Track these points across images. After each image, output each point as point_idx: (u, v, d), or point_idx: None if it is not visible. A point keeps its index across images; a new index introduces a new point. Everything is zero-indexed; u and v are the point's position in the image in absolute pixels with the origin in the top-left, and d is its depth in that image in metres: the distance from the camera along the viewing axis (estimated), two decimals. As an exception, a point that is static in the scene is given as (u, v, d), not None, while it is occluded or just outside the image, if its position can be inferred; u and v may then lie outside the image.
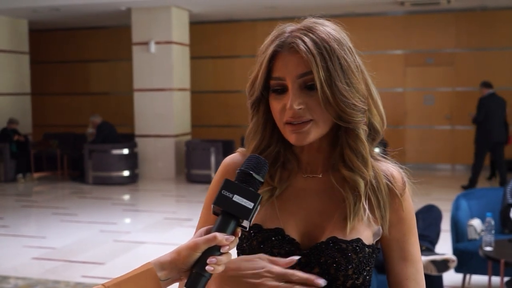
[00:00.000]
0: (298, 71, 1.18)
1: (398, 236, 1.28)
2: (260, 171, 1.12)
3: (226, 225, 1.08)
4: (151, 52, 11.14)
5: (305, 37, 1.19)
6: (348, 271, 1.19)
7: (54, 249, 6.30)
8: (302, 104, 1.19)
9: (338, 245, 1.20)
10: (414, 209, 1.35)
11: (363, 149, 1.23)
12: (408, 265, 1.29)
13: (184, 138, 11.55)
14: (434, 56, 12.23)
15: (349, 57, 1.20)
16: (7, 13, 11.82)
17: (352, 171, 1.24)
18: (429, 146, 12.05)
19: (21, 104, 12.59)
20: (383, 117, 1.28)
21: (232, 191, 1.08)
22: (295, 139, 1.21)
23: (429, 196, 8.73)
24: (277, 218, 1.26)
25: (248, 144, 1.31)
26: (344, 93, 1.17)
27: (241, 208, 1.08)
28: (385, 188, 1.26)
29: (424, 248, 3.70)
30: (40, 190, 10.62)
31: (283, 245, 1.23)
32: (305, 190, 1.29)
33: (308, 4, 10.90)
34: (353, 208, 1.22)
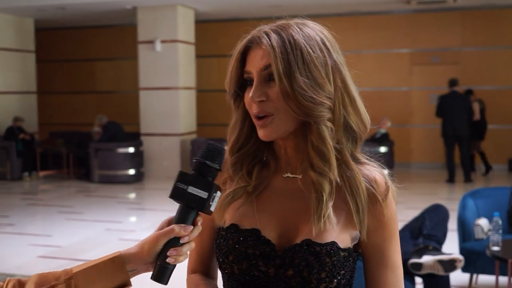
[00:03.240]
0: (262, 64, 1.19)
1: (378, 242, 1.25)
2: (215, 158, 1.12)
3: (185, 215, 1.11)
4: (156, 50, 11.14)
5: (273, 33, 1.20)
6: (321, 274, 1.18)
7: (59, 247, 6.31)
8: (263, 96, 1.19)
9: (312, 248, 1.19)
10: (421, 208, 1.34)
11: (325, 148, 1.20)
12: (388, 272, 1.26)
13: (189, 137, 11.55)
14: (440, 55, 12.18)
15: (316, 53, 1.18)
16: (13, 12, 11.84)
17: (315, 171, 1.21)
18: (435, 145, 12.00)
19: (27, 103, 12.62)
20: (362, 117, 1.26)
21: (187, 183, 1.09)
22: (262, 134, 1.22)
23: (435, 196, 8.71)
24: (254, 219, 1.25)
25: (228, 140, 1.32)
26: (303, 86, 1.16)
27: (197, 198, 1.09)
28: (365, 193, 1.23)
29: (431, 248, 3.69)
30: (46, 189, 10.64)
31: (258, 246, 1.22)
32: (284, 191, 1.27)
33: (313, 3, 10.89)
34: (316, 210, 1.19)
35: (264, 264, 1.21)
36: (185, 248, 1.11)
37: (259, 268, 1.21)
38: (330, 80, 1.19)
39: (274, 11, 11.68)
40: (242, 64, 1.24)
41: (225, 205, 1.27)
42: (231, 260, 1.23)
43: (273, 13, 1.15)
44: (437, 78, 12.07)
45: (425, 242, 3.75)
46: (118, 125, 11.46)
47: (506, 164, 11.78)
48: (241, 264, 1.22)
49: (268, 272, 1.21)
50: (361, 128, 1.25)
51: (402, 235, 3.92)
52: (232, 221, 1.26)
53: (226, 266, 1.25)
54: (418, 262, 3.60)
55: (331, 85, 1.19)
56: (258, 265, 1.21)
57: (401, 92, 12.41)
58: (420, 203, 7.60)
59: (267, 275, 1.21)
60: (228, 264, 1.24)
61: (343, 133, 1.23)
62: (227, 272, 1.26)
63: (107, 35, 14.17)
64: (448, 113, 10.10)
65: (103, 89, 14.40)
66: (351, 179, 1.22)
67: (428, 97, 12.26)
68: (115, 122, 11.56)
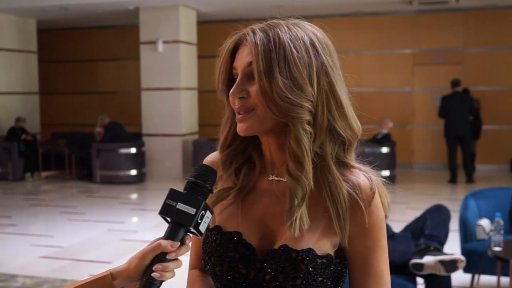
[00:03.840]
0: (246, 61, 1.19)
1: (361, 250, 1.21)
2: (206, 179, 1.13)
3: (174, 232, 1.11)
4: (158, 51, 11.15)
5: (259, 31, 1.19)
6: (296, 281, 1.16)
7: (61, 248, 6.31)
8: (244, 93, 1.19)
9: (288, 254, 1.17)
10: (422, 209, 1.32)
11: (299, 151, 1.17)
12: (371, 281, 1.22)
13: (191, 138, 11.55)
14: (442, 55, 12.17)
15: (301, 53, 1.16)
16: (15, 13, 11.86)
17: (290, 176, 1.19)
18: (437, 145, 11.99)
19: (30, 103, 12.64)
20: (350, 122, 1.22)
21: (176, 200, 1.10)
22: (238, 128, 1.22)
23: (437, 196, 8.70)
24: (238, 221, 1.25)
25: (220, 136, 1.32)
26: (281, 86, 1.14)
27: (184, 215, 1.09)
28: (346, 200, 1.19)
29: (433, 248, 3.68)
30: (48, 189, 10.65)
31: (238, 249, 1.22)
32: (267, 193, 1.26)
33: (316, 3, 10.89)
34: (288, 214, 1.18)
35: (244, 267, 1.21)
36: (171, 265, 1.10)
37: (239, 270, 1.21)
38: (313, 82, 1.16)
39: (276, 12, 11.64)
40: (232, 60, 1.24)
41: (211, 205, 1.25)
42: (213, 261, 1.24)
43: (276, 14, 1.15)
44: (439, 79, 12.06)
45: (426, 242, 3.75)
46: (120, 126, 11.48)
47: (508, 165, 11.77)
48: (222, 266, 1.23)
49: (248, 275, 1.21)
50: (349, 133, 1.22)
51: (404, 235, 3.92)
52: (216, 223, 1.27)
53: (209, 267, 1.25)
54: (419, 262, 3.60)
55: (313, 87, 1.16)
56: (238, 268, 1.21)
57: (403, 92, 12.40)
58: (422, 203, 7.59)
59: (247, 278, 1.21)
60: (211, 265, 1.25)
61: (328, 138, 1.20)
62: (210, 273, 1.26)
63: (109, 36, 14.19)
64: (451, 114, 10.11)
65: (105, 89, 14.41)
66: (332, 185, 1.19)
67: (430, 98, 12.25)
68: (117, 123, 11.58)
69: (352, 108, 1.24)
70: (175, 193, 1.11)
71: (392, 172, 10.04)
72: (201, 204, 1.10)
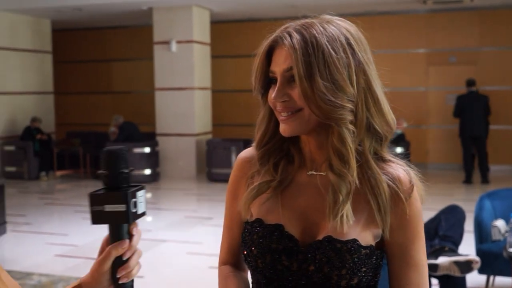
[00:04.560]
0: (285, 65, 1.20)
1: (402, 241, 1.25)
2: (116, 164, 1.05)
3: (117, 233, 1.06)
4: (172, 51, 11.19)
5: (296, 33, 1.20)
6: (342, 270, 1.19)
7: (76, 246, 6.36)
8: (286, 97, 1.21)
9: (333, 245, 1.20)
10: (437, 209, 1.34)
11: (345, 150, 1.20)
12: (411, 270, 1.26)
13: (205, 137, 11.58)
14: (457, 55, 12.09)
15: (339, 54, 1.18)
16: (30, 13, 11.96)
17: (333, 172, 1.22)
18: (452, 145, 11.91)
19: (45, 103, 12.74)
20: (386, 117, 1.26)
21: (101, 203, 1.04)
22: (282, 129, 1.24)
23: (452, 197, 8.65)
24: (279, 214, 1.27)
25: (256, 135, 1.34)
26: (323, 89, 1.16)
27: (117, 215, 1.03)
28: (387, 192, 1.22)
29: (447, 249, 3.67)
30: (62, 188, 10.73)
31: (281, 241, 1.24)
32: (308, 187, 1.29)
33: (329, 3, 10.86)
34: (332, 210, 1.20)
35: (287, 258, 1.23)
36: (132, 262, 1.07)
37: (282, 262, 1.23)
38: (352, 82, 1.19)
39: (289, 11, 11.67)
40: (268, 62, 1.25)
41: (250, 199, 1.29)
42: (255, 253, 1.26)
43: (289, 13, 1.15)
44: (454, 79, 11.98)
45: (441, 243, 3.73)
46: (134, 125, 11.54)
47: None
48: (265, 258, 1.24)
49: (290, 267, 1.23)
50: (385, 128, 1.25)
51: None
52: (257, 216, 1.29)
53: (251, 259, 1.27)
54: (434, 263, 3.58)
55: (353, 87, 1.19)
56: (281, 260, 1.23)
57: (417, 92, 12.34)
58: (436, 204, 7.54)
59: (290, 269, 1.23)
60: (252, 257, 1.26)
61: (366, 134, 1.23)
62: (251, 265, 1.28)
63: (123, 36, 14.25)
64: (466, 114, 10.06)
65: (119, 89, 14.48)
66: (372, 179, 1.23)
67: (444, 98, 12.18)
68: (131, 122, 11.64)
69: (387, 101, 1.27)
70: (97, 197, 1.04)
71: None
72: (127, 196, 1.03)
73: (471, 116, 10.03)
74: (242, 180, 1.37)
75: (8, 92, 11.76)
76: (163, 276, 5.35)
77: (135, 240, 1.07)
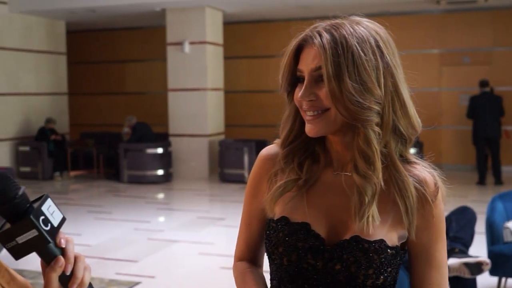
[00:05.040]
0: (313, 65, 1.21)
1: (425, 241, 1.27)
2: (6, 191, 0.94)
3: (46, 256, 0.99)
4: (185, 52, 11.23)
5: (325, 32, 1.21)
6: (368, 270, 1.21)
7: (89, 246, 6.40)
8: (313, 96, 1.22)
9: (360, 244, 1.21)
10: (448, 211, 1.35)
11: (370, 152, 1.21)
12: (433, 271, 1.28)
13: (217, 138, 11.61)
14: (470, 55, 12.02)
15: (368, 56, 1.19)
16: (45, 15, 12.06)
17: (358, 174, 1.23)
18: (465, 146, 11.84)
19: (59, 104, 12.84)
20: (412, 120, 1.26)
21: (12, 237, 0.95)
22: (308, 129, 1.24)
23: (465, 198, 8.60)
24: (305, 213, 1.28)
25: (281, 133, 1.34)
26: (351, 90, 1.17)
27: (34, 241, 0.96)
28: (414, 194, 1.24)
29: (457, 250, 3.65)
30: (76, 188, 10.81)
31: (308, 240, 1.25)
32: (334, 186, 1.29)
33: (342, 3, 10.84)
34: (358, 212, 1.21)
35: (313, 257, 1.24)
36: (78, 272, 1.01)
37: (308, 261, 1.24)
38: (380, 84, 1.20)
39: (302, 12, 11.68)
40: (296, 60, 1.26)
41: (276, 197, 1.30)
42: (281, 251, 1.27)
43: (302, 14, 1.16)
44: (467, 79, 11.91)
45: (451, 244, 3.72)
46: (147, 126, 11.60)
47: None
48: (291, 256, 1.25)
49: (316, 265, 1.24)
50: (410, 130, 1.26)
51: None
52: (282, 214, 1.29)
53: (276, 257, 1.28)
54: (444, 264, 3.57)
55: (381, 89, 1.20)
56: (307, 258, 1.24)
57: (431, 93, 12.27)
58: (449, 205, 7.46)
59: (315, 268, 1.24)
60: (278, 255, 1.27)
61: (392, 136, 1.24)
62: (276, 263, 1.29)
63: (136, 37, 14.33)
64: (480, 115, 10.01)
65: (132, 90, 14.56)
66: (400, 182, 1.24)
67: (458, 98, 12.11)
68: (144, 123, 11.70)
69: (413, 104, 1.27)
70: (4, 235, 0.95)
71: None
72: (31, 220, 0.95)
73: (484, 117, 9.96)
74: (264, 177, 1.38)
75: (23, 93, 11.87)
76: (175, 277, 5.37)
77: (69, 251, 1.00)
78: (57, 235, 1.00)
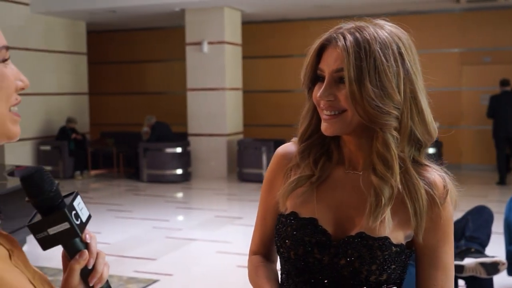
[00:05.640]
0: (334, 66, 1.23)
1: (432, 243, 1.29)
2: (40, 186, 0.99)
3: (71, 249, 1.04)
4: (204, 52, 11.28)
5: (349, 35, 1.23)
6: (372, 266, 1.23)
7: (108, 244, 6.47)
8: (331, 96, 1.24)
9: (365, 241, 1.24)
10: (465, 210, 1.37)
11: (389, 155, 1.23)
12: (439, 272, 1.30)
13: (236, 137, 11.64)
14: (491, 55, 11.90)
15: (390, 62, 1.21)
16: (66, 16, 12.20)
17: (377, 176, 1.24)
18: (486, 147, 11.72)
19: (79, 104, 12.98)
20: (428, 127, 1.28)
21: (43, 228, 0.99)
22: (324, 128, 1.27)
23: (485, 198, 8.52)
24: (313, 208, 1.31)
25: (299, 128, 1.37)
26: (371, 94, 1.19)
27: (64, 234, 1.00)
28: (424, 198, 1.25)
29: (473, 250, 3.63)
30: (96, 187, 10.92)
31: (315, 235, 1.28)
32: (344, 184, 1.32)
33: (360, 3, 10.81)
34: (373, 212, 1.23)
35: (319, 252, 1.27)
36: (98, 267, 1.05)
37: (314, 255, 1.27)
38: (400, 90, 1.22)
39: (321, 12, 11.67)
40: (318, 59, 1.28)
41: (289, 191, 1.33)
42: (288, 245, 1.30)
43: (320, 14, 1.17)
44: (488, 78, 11.79)
45: (467, 244, 3.70)
46: (166, 126, 11.67)
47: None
48: (298, 250, 1.29)
49: (322, 260, 1.27)
50: (426, 137, 1.28)
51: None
52: (292, 209, 1.33)
53: (284, 250, 1.32)
54: (460, 264, 3.56)
55: (400, 95, 1.22)
56: (313, 252, 1.27)
57: (451, 92, 12.17)
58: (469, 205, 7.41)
59: (321, 262, 1.27)
60: (285, 249, 1.31)
61: (407, 142, 1.26)
62: (283, 256, 1.33)
63: (156, 37, 14.42)
64: (501, 114, 9.94)
65: (152, 90, 14.66)
66: (410, 184, 1.25)
67: (478, 98, 12.00)
68: (163, 123, 11.78)
69: (430, 111, 1.29)
70: (36, 226, 1.00)
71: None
72: (65, 213, 1.00)
73: (505, 116, 9.88)
74: (279, 174, 1.41)
75: (44, 93, 12.00)
76: (192, 275, 5.41)
77: (92, 246, 1.06)
78: (84, 231, 1.05)
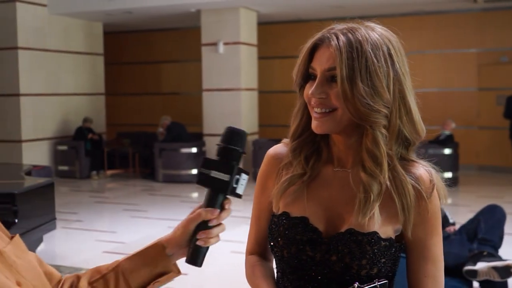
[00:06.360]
0: (327, 65, 1.27)
1: (421, 236, 1.32)
2: (236, 141, 1.14)
3: (212, 200, 1.14)
4: (219, 52, 11.31)
5: (342, 35, 1.26)
6: (362, 261, 1.26)
7: (124, 243, 6.52)
8: (323, 94, 1.27)
9: (354, 237, 1.27)
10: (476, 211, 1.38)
11: (378, 152, 1.26)
12: (429, 264, 1.33)
13: (251, 138, 11.65)
14: (508, 55, 11.79)
15: (380, 63, 1.24)
16: (83, 17, 12.30)
17: (366, 173, 1.28)
18: (503, 147, 11.61)
19: (96, 104, 13.08)
20: (416, 127, 1.31)
21: (210, 168, 1.12)
22: (314, 125, 1.30)
23: (501, 199, 8.45)
24: (304, 207, 1.34)
25: (291, 126, 1.41)
26: (362, 93, 1.22)
27: (219, 182, 1.12)
28: (411, 193, 1.28)
29: (486, 254, 3.60)
30: (112, 187, 10.99)
31: (306, 233, 1.31)
32: (332, 182, 1.35)
33: (376, 3, 10.77)
34: (362, 208, 1.26)
35: (311, 249, 1.30)
36: (214, 230, 1.15)
37: (307, 253, 1.31)
38: (390, 90, 1.25)
39: (336, 12, 11.63)
40: (310, 58, 1.32)
41: (282, 191, 1.37)
42: (281, 244, 1.34)
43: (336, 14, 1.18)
44: (505, 79, 11.68)
45: (479, 247, 3.68)
46: (182, 126, 11.71)
47: None
48: (290, 248, 1.32)
49: (314, 257, 1.30)
50: (414, 136, 1.31)
51: (459, 238, 3.85)
52: (284, 208, 1.36)
53: (277, 249, 1.35)
54: (473, 269, 3.53)
55: (390, 94, 1.25)
56: (305, 250, 1.31)
57: (468, 92, 12.09)
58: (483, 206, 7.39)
59: (314, 259, 1.30)
60: (279, 248, 1.35)
61: (396, 140, 1.29)
62: (277, 255, 1.37)
63: (172, 38, 14.48)
64: None
65: (168, 90, 14.72)
66: (397, 180, 1.28)
67: (495, 98, 11.89)
68: (178, 123, 11.82)
69: (418, 111, 1.32)
70: (208, 161, 1.13)
71: (454, 174, 9.80)
72: (234, 169, 1.12)
73: None
74: (271, 174, 1.45)
75: (62, 94, 12.12)
76: (207, 274, 5.43)
77: (223, 214, 1.15)
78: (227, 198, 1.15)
